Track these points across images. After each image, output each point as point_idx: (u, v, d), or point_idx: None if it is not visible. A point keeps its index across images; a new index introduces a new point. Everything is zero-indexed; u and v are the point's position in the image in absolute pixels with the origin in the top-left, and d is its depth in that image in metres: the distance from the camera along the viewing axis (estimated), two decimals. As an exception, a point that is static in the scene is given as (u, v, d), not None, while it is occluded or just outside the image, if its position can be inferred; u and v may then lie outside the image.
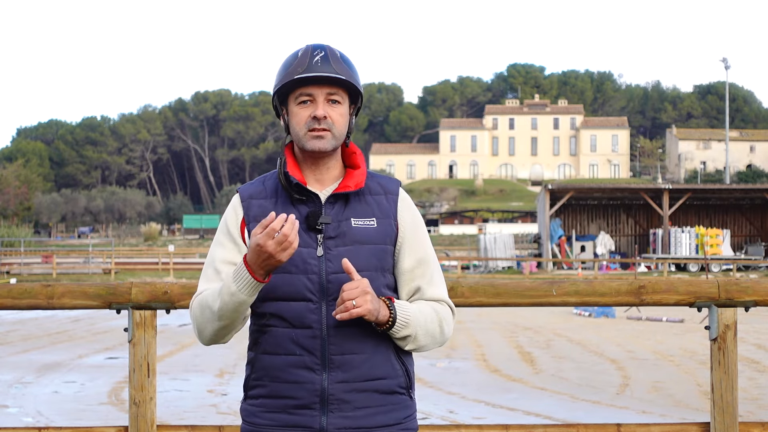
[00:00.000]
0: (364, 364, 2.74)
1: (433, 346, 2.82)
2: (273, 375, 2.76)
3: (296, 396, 2.73)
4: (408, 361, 2.85)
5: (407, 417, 2.83)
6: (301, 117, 2.77)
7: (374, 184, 2.86)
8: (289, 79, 2.76)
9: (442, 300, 2.85)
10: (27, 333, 19.38)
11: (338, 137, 2.79)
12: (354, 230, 2.76)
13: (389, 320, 2.70)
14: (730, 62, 69.68)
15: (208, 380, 12.37)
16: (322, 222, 2.75)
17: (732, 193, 49.93)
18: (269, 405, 2.77)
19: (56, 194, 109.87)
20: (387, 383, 2.78)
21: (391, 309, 2.71)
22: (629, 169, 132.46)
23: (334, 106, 2.78)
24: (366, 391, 2.74)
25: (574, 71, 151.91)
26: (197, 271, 45.97)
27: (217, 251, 2.84)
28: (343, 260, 2.67)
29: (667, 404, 10.59)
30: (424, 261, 2.84)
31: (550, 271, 43.60)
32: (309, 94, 2.77)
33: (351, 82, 2.78)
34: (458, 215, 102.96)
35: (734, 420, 4.21)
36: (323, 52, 2.77)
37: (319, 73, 2.73)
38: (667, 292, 4.23)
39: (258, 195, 2.84)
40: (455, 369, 13.48)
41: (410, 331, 2.74)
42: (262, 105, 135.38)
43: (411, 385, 2.85)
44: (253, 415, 2.81)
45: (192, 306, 2.82)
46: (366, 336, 2.74)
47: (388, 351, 2.78)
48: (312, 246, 2.74)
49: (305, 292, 2.72)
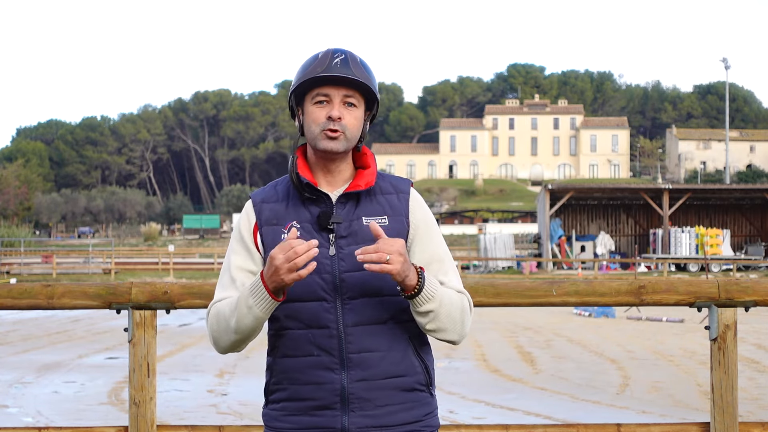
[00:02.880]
0: (383, 362, 2.73)
1: (453, 334, 2.76)
2: (292, 377, 2.76)
3: (317, 397, 2.73)
4: (427, 357, 2.84)
5: (428, 414, 2.82)
6: (317, 116, 2.78)
7: (386, 184, 2.86)
8: (308, 78, 2.77)
9: (461, 292, 2.82)
10: (27, 333, 19.38)
11: (351, 140, 2.79)
12: (365, 229, 2.75)
13: (416, 287, 2.66)
14: (730, 62, 69.70)
15: (208, 380, 12.37)
16: (334, 221, 2.75)
17: (732, 193, 49.92)
18: (290, 408, 2.77)
19: (56, 194, 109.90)
20: (407, 380, 2.77)
21: (421, 277, 2.67)
22: (629, 169, 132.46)
23: (350, 109, 2.79)
24: (386, 389, 2.73)
25: (574, 71, 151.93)
26: (197, 271, 45.97)
27: (231, 258, 2.85)
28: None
29: (667, 404, 10.59)
30: (437, 257, 2.83)
31: (550, 271, 43.60)
32: (326, 95, 2.78)
33: (368, 86, 2.79)
34: (458, 215, 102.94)
35: (734, 420, 4.21)
36: (344, 55, 2.78)
37: (338, 73, 2.75)
38: (667, 292, 4.23)
39: (270, 199, 2.85)
40: (455, 369, 13.48)
41: (434, 306, 2.70)
42: (262, 105, 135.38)
43: (431, 381, 2.84)
44: (274, 419, 2.81)
45: (209, 315, 2.82)
46: (382, 333, 2.74)
47: (407, 348, 2.77)
48: (324, 246, 2.74)
49: (319, 292, 2.72)
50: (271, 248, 2.76)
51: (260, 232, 2.81)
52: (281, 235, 2.78)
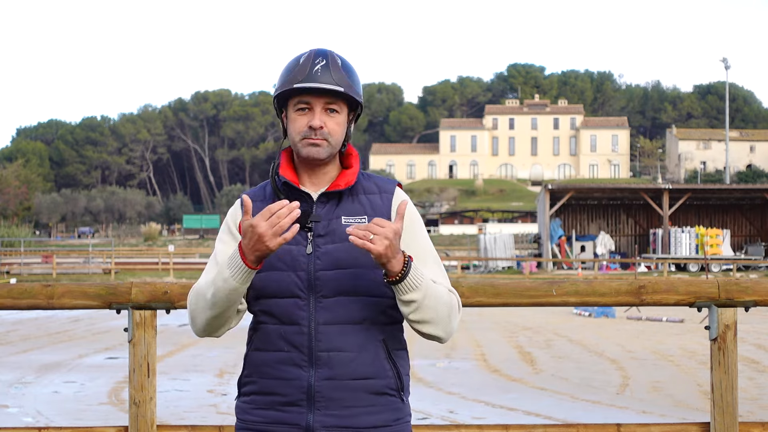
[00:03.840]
0: (352, 363, 2.72)
1: (437, 329, 2.74)
2: (262, 371, 2.78)
3: (284, 393, 2.74)
4: (401, 362, 2.82)
5: (398, 420, 2.79)
6: (298, 124, 2.78)
7: (370, 184, 2.86)
8: (288, 88, 2.77)
9: (450, 290, 2.81)
10: (27, 333, 19.38)
11: (334, 146, 2.79)
12: (343, 228, 2.75)
13: (400, 274, 2.65)
14: (730, 62, 69.73)
15: (208, 380, 12.37)
16: (312, 220, 2.76)
17: (732, 193, 49.93)
18: (259, 402, 2.79)
19: (56, 194, 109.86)
20: (376, 383, 2.75)
21: (406, 265, 2.66)
22: (629, 169, 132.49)
23: (332, 115, 2.78)
24: (353, 390, 2.72)
25: (574, 71, 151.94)
26: (197, 271, 45.98)
27: (218, 247, 2.88)
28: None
29: (667, 404, 10.59)
30: (420, 256, 2.80)
31: (550, 271, 43.61)
32: (307, 102, 2.77)
33: (349, 94, 2.77)
34: (458, 215, 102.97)
35: (734, 420, 4.21)
36: (324, 60, 2.76)
37: (317, 84, 2.73)
38: (667, 292, 4.23)
39: (257, 198, 2.87)
40: (455, 369, 13.48)
41: (417, 297, 2.68)
42: (262, 105, 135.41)
43: (403, 387, 2.81)
44: (244, 412, 2.82)
45: (189, 295, 2.85)
46: (354, 334, 2.73)
47: (378, 351, 2.76)
48: (302, 244, 2.75)
49: (294, 289, 2.73)
50: None
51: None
52: None
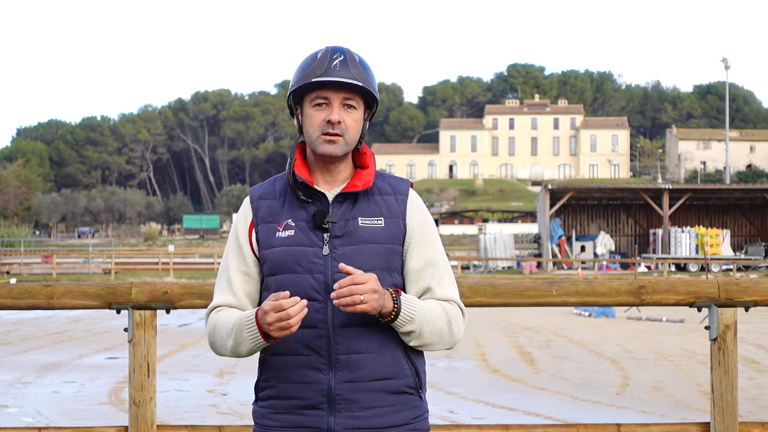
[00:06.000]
0: (371, 364, 2.72)
1: (441, 346, 2.78)
2: (281, 376, 2.76)
3: (303, 396, 2.73)
4: (418, 361, 2.82)
5: (416, 417, 2.80)
6: (316, 120, 2.76)
7: (384, 184, 2.84)
8: (306, 82, 2.75)
9: (452, 300, 2.81)
10: (27, 333, 19.38)
11: (350, 143, 2.77)
12: (361, 229, 2.74)
13: (392, 313, 2.67)
14: (730, 62, 69.68)
15: (208, 380, 12.36)
16: (329, 221, 2.73)
17: (732, 193, 49.91)
18: (278, 406, 2.77)
19: (56, 194, 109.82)
20: (395, 383, 2.75)
21: (396, 302, 2.68)
22: (629, 169, 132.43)
23: (349, 111, 2.77)
24: (373, 391, 2.72)
25: (574, 71, 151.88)
26: (197, 271, 45.97)
27: (229, 259, 2.86)
28: (340, 265, 2.64)
29: (667, 404, 10.59)
30: (433, 262, 2.81)
31: (550, 271, 43.60)
32: (325, 98, 2.75)
33: (368, 89, 2.76)
34: (458, 215, 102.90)
35: (734, 420, 4.21)
36: (342, 56, 2.75)
37: (336, 77, 2.72)
38: (667, 292, 4.23)
39: (267, 195, 2.84)
40: (455, 369, 13.48)
41: (415, 327, 2.71)
42: (262, 105, 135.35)
43: (421, 385, 2.82)
44: (263, 417, 2.81)
45: (208, 322, 2.85)
46: (372, 335, 2.72)
47: (396, 350, 2.76)
48: (318, 245, 2.73)
49: (311, 292, 2.71)
50: (266, 245, 2.78)
51: (256, 230, 2.81)
52: (275, 233, 2.77)
